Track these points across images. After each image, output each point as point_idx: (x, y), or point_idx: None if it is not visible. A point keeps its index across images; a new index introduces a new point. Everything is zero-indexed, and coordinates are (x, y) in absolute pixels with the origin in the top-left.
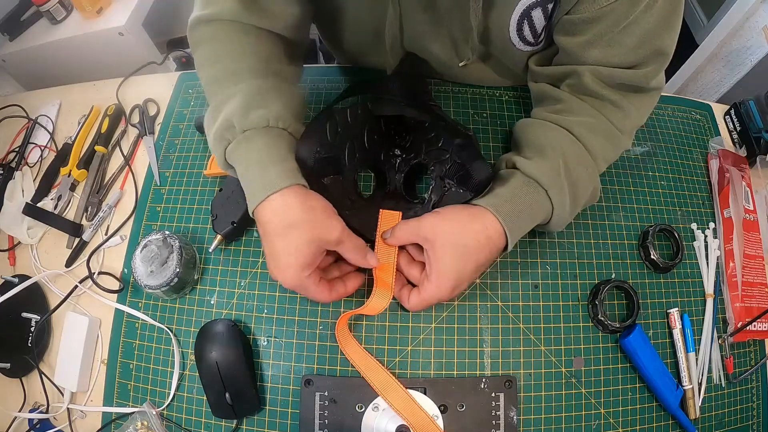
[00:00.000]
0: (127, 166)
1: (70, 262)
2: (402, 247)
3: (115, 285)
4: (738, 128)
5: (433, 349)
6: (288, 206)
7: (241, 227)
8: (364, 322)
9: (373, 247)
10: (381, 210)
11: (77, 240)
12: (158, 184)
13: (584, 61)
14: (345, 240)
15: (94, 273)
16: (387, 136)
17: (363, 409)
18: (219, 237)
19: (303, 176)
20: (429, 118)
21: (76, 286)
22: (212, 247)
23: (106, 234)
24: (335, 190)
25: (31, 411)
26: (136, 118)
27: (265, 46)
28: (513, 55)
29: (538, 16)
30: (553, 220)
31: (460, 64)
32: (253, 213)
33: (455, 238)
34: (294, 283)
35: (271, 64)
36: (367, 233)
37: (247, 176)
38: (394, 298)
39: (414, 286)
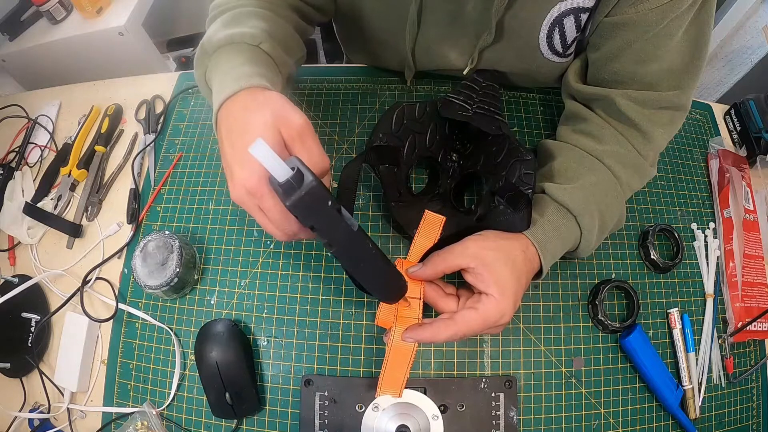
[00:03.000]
0: (129, 165)
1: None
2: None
3: (114, 287)
4: (738, 128)
5: (433, 349)
6: (255, 97)
7: None
8: (364, 323)
9: (409, 246)
10: (426, 211)
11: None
12: (156, 183)
13: (616, 76)
14: (310, 133)
15: (89, 281)
16: (449, 138)
17: (363, 409)
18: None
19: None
20: (494, 132)
21: (80, 288)
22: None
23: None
24: (388, 179)
25: (31, 411)
26: (141, 115)
27: (285, 7)
28: (539, 63)
29: (570, 24)
30: (581, 246)
31: (465, 71)
32: (216, 126)
33: (504, 254)
34: (248, 180)
35: (278, 8)
36: (408, 229)
37: (214, 93)
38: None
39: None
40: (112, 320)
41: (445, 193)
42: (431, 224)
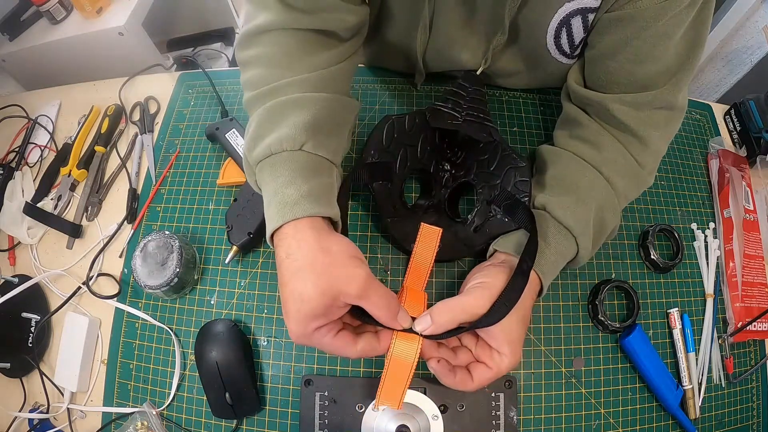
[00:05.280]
0: (126, 166)
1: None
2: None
3: (114, 288)
4: (738, 128)
5: None
6: (299, 245)
7: (258, 238)
8: None
9: (409, 258)
10: (422, 224)
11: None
12: (154, 183)
13: (611, 76)
14: (370, 294)
15: (91, 278)
16: (440, 148)
17: (363, 409)
18: (235, 248)
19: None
20: (485, 139)
21: (79, 288)
22: (228, 258)
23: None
24: (381, 196)
25: (31, 411)
26: (136, 116)
27: (319, 51)
28: (546, 63)
29: (577, 25)
30: (574, 262)
31: (479, 71)
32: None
33: (516, 309)
34: (300, 335)
35: (317, 72)
36: (405, 243)
37: (265, 207)
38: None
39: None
40: (112, 320)
41: (439, 204)
42: (428, 237)
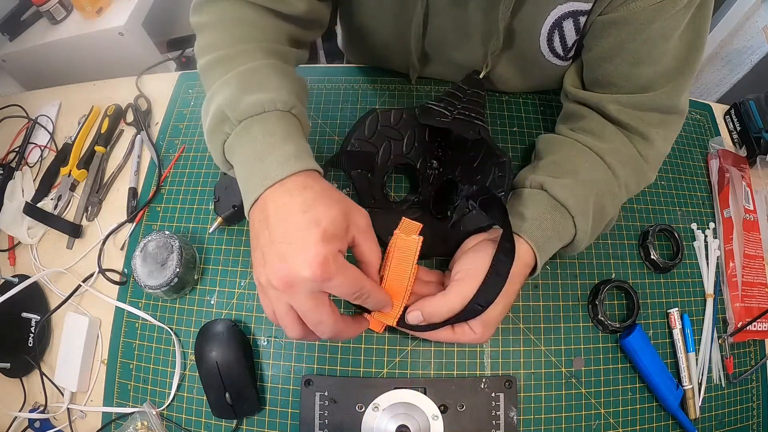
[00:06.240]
0: (127, 165)
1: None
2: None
3: (116, 287)
4: (738, 128)
5: (433, 349)
6: (305, 185)
7: (241, 211)
8: None
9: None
10: (403, 218)
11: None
12: (157, 181)
13: (609, 78)
14: (371, 234)
15: (88, 279)
16: (430, 146)
17: (363, 409)
18: (219, 219)
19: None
20: (473, 136)
21: (80, 285)
22: (212, 228)
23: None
24: (360, 185)
25: (31, 411)
26: (130, 118)
27: (271, 26)
28: (542, 66)
29: (569, 27)
30: (572, 245)
31: (481, 75)
32: (251, 208)
33: (502, 296)
34: (323, 260)
35: (274, 45)
36: (383, 236)
37: (244, 171)
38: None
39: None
40: (112, 320)
41: (425, 201)
42: (407, 230)
